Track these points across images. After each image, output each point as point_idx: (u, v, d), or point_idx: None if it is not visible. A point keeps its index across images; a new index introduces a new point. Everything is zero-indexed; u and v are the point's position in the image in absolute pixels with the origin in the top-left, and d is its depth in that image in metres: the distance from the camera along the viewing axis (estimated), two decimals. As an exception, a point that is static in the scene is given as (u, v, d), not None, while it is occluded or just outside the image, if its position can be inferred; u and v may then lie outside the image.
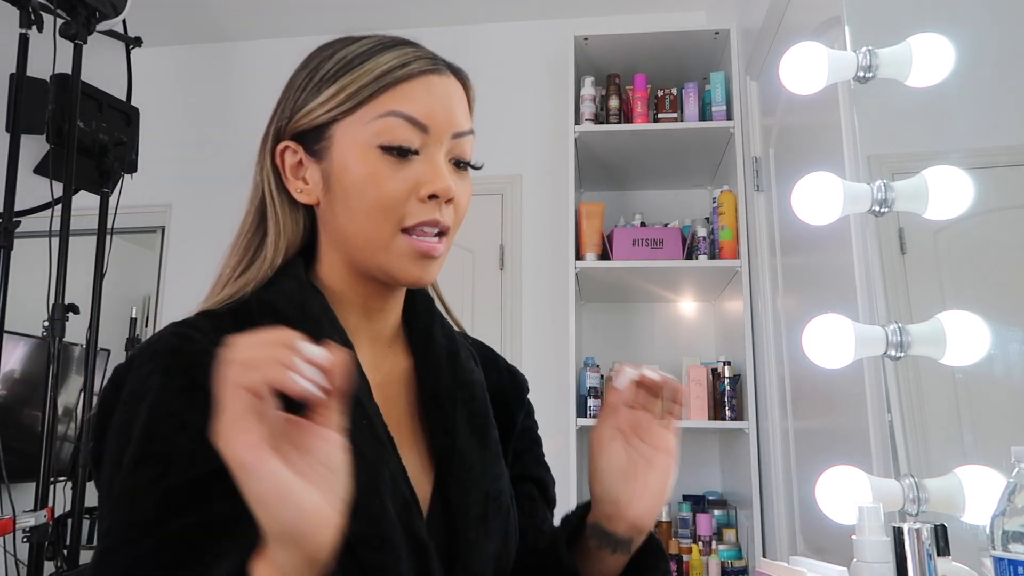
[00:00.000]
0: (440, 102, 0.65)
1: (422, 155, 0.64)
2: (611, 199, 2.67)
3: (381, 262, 0.64)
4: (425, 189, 0.63)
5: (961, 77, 1.06)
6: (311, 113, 0.65)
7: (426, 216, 0.63)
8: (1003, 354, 1.03)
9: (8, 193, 1.95)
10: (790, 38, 1.67)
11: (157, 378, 0.55)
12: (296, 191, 0.67)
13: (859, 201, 1.08)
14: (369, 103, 0.63)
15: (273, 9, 2.90)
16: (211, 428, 0.50)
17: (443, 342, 0.73)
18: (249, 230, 0.68)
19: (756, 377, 2.17)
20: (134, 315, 2.68)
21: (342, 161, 0.64)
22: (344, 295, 0.68)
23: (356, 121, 0.63)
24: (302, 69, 0.68)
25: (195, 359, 0.55)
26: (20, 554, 2.05)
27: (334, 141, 0.64)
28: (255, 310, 0.63)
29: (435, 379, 0.70)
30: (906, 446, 1.06)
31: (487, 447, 0.70)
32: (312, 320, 0.62)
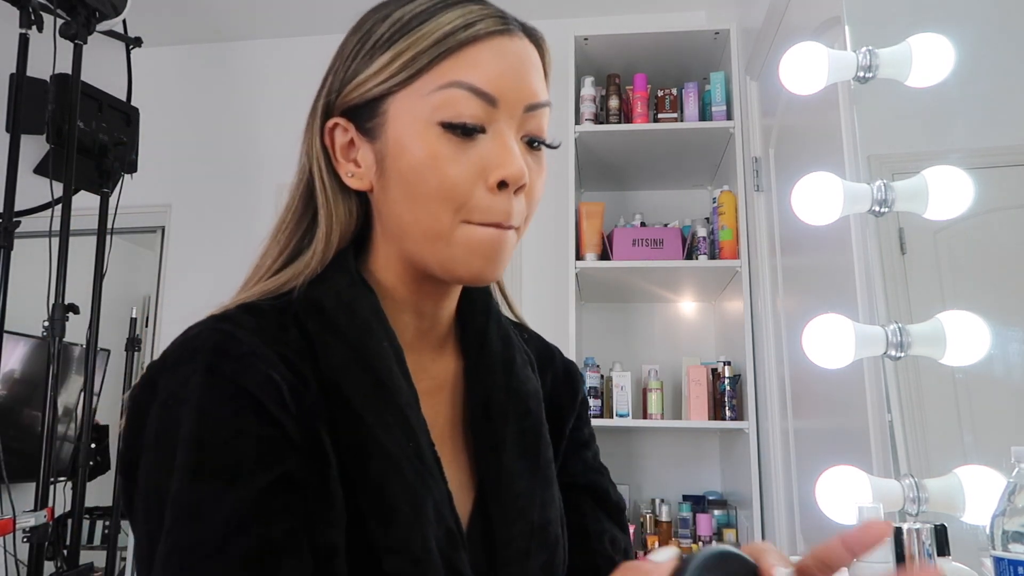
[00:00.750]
0: (511, 69, 0.55)
1: (490, 132, 0.55)
2: (611, 199, 2.67)
3: (442, 257, 0.56)
4: (495, 175, 0.54)
5: (961, 77, 1.06)
6: (363, 85, 0.57)
7: (495, 213, 0.55)
8: (1003, 354, 1.03)
9: (8, 193, 1.95)
10: (790, 38, 1.67)
11: (199, 379, 0.49)
12: (346, 175, 0.59)
13: (859, 201, 1.08)
14: (428, 72, 0.54)
15: (273, 9, 2.90)
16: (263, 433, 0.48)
17: (498, 346, 0.65)
18: (292, 218, 0.60)
19: (756, 377, 2.17)
20: (134, 315, 2.68)
21: (398, 140, 0.55)
22: (396, 291, 0.61)
23: (414, 93, 0.55)
24: (353, 34, 0.59)
25: (242, 363, 0.50)
26: (20, 554, 2.05)
27: (389, 117, 0.56)
28: (301, 309, 0.56)
29: (487, 389, 0.62)
30: (906, 446, 1.06)
31: (538, 470, 0.62)
32: (361, 322, 0.56)
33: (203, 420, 0.48)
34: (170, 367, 0.51)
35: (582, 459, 0.71)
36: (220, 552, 0.45)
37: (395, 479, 0.52)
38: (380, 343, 0.56)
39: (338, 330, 0.55)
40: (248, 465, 0.48)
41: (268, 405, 0.49)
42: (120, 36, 2.43)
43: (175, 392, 0.50)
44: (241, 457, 0.48)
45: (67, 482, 2.11)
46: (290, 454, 0.49)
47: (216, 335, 0.51)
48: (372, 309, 0.57)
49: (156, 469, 0.49)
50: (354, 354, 0.54)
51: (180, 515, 0.46)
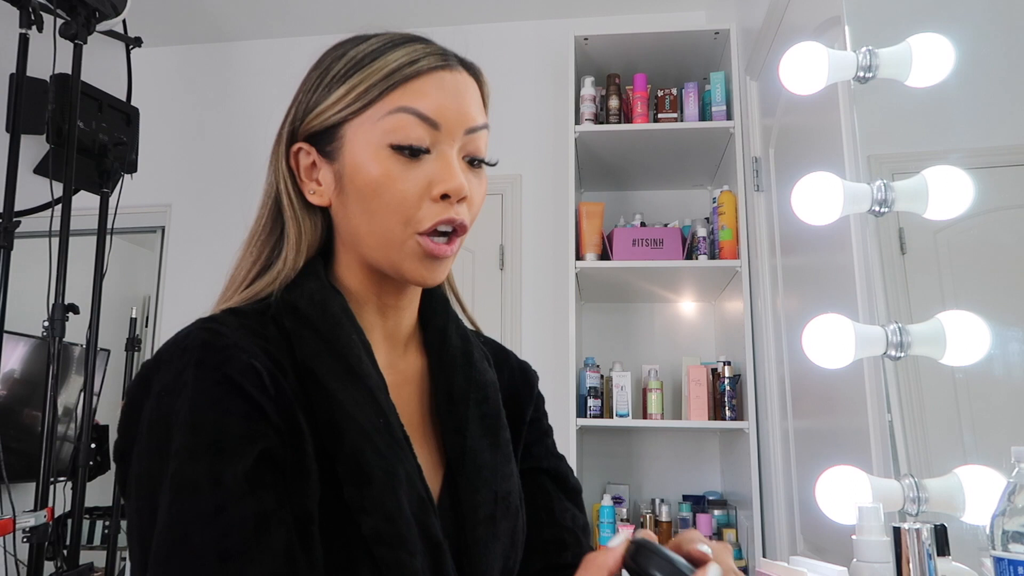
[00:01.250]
0: (451, 98, 0.64)
1: (434, 153, 0.63)
2: (611, 199, 2.67)
3: (393, 261, 0.64)
4: (438, 188, 0.62)
5: (961, 77, 1.06)
6: (322, 114, 0.65)
7: (440, 216, 0.63)
8: (1003, 354, 1.03)
9: (8, 193, 1.95)
10: (790, 38, 1.67)
11: (191, 371, 0.55)
12: (309, 193, 0.67)
13: (859, 201, 1.08)
14: (379, 101, 0.63)
15: (273, 9, 2.90)
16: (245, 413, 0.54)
17: (457, 342, 0.73)
18: (263, 231, 0.68)
19: (756, 377, 2.17)
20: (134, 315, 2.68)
21: (353, 161, 0.63)
22: (360, 294, 0.68)
23: (366, 120, 0.63)
24: (314, 70, 0.68)
25: (226, 353, 0.56)
26: (20, 554, 2.05)
27: (345, 141, 0.64)
28: (278, 309, 0.63)
29: (449, 379, 0.70)
30: (906, 446, 1.06)
31: (498, 447, 0.70)
32: (331, 318, 0.63)
33: (194, 406, 0.54)
34: (163, 364, 0.57)
35: (544, 446, 0.79)
36: (217, 520, 0.51)
37: (368, 449, 0.58)
38: (349, 336, 0.63)
39: (311, 325, 0.62)
40: (235, 441, 0.53)
41: (249, 389, 0.55)
42: (120, 36, 2.43)
43: (167, 385, 0.56)
44: (229, 435, 0.54)
45: (67, 482, 2.11)
46: (270, 432, 0.55)
47: (203, 333, 0.58)
48: (341, 307, 0.65)
49: (150, 454, 0.54)
50: (326, 345, 0.61)
51: (179, 491, 0.51)
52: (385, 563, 0.56)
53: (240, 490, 0.52)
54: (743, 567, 2.17)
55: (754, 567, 2.10)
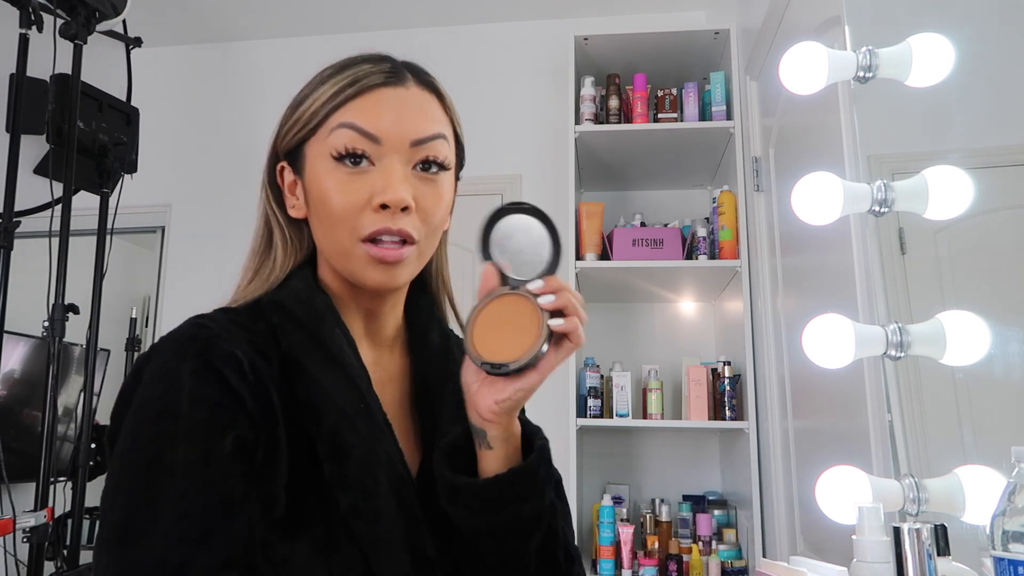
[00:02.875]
0: (392, 111, 0.67)
1: (377, 166, 0.66)
2: (611, 199, 2.67)
3: (349, 269, 0.68)
4: (377, 198, 0.65)
5: (961, 77, 1.06)
6: (289, 133, 0.70)
7: (379, 225, 0.65)
8: (1003, 354, 1.03)
9: (8, 193, 1.95)
10: (790, 38, 1.67)
11: (174, 362, 0.59)
12: (290, 207, 0.72)
13: (859, 201, 1.08)
14: (327, 120, 0.67)
15: (273, 9, 2.90)
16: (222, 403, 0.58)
17: (437, 340, 0.77)
18: (260, 246, 0.74)
19: (756, 377, 2.17)
20: (134, 315, 2.68)
21: (311, 176, 0.68)
22: (342, 299, 0.72)
23: (318, 139, 0.68)
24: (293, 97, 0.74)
25: (209, 343, 0.60)
26: (20, 554, 2.05)
27: (306, 158, 0.69)
28: (266, 307, 0.68)
29: (425, 372, 0.75)
30: (906, 446, 1.06)
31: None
32: (315, 313, 0.67)
33: (170, 393, 0.58)
34: (152, 356, 0.61)
35: None
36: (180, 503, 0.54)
37: (347, 428, 0.62)
38: (332, 329, 0.67)
39: (296, 319, 0.66)
40: (206, 428, 0.57)
41: (228, 375, 0.59)
42: (120, 36, 2.43)
43: (153, 375, 0.60)
44: (200, 422, 0.57)
45: (67, 482, 2.11)
46: (243, 419, 0.59)
47: (192, 328, 0.62)
48: (326, 305, 0.69)
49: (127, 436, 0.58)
50: (309, 336, 0.65)
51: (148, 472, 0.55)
52: (364, 538, 0.59)
53: (205, 476, 0.55)
54: (743, 567, 2.17)
55: (754, 567, 2.10)
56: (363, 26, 2.94)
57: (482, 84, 2.90)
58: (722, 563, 2.17)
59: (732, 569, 2.17)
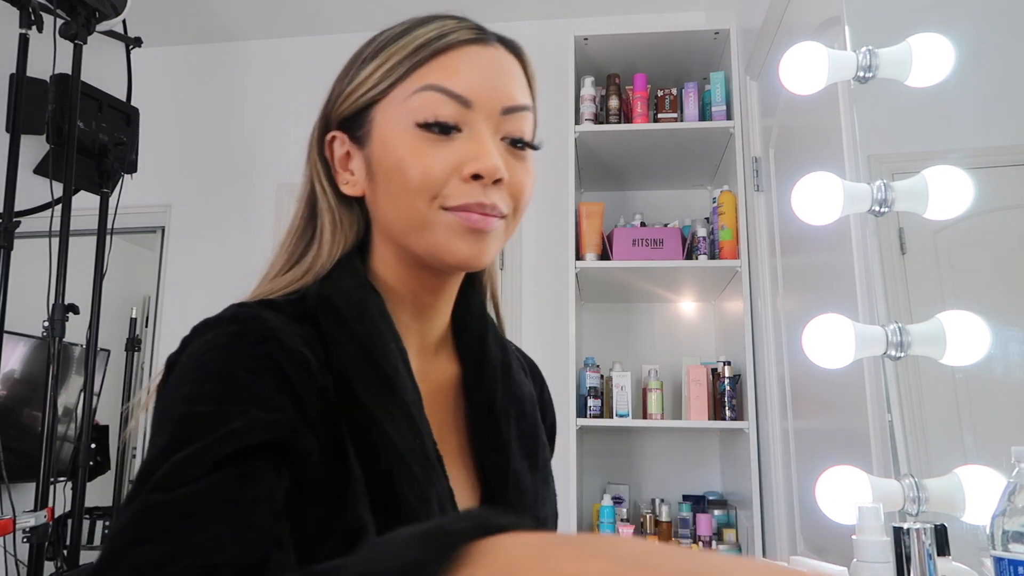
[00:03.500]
0: (485, 73, 0.58)
1: (465, 132, 0.58)
2: (611, 199, 2.67)
3: (427, 244, 0.58)
4: (468, 167, 0.56)
5: (961, 77, 1.06)
6: (351, 96, 0.61)
7: (470, 198, 0.56)
8: (1003, 354, 1.03)
9: (8, 193, 1.95)
10: (790, 38, 1.67)
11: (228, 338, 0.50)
12: (343, 183, 0.63)
13: (859, 201, 1.08)
14: (406, 79, 0.58)
15: (274, 9, 2.90)
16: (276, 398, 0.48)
17: (497, 352, 0.67)
18: (298, 228, 0.64)
19: (756, 377, 2.17)
20: (134, 315, 2.68)
21: (382, 143, 0.59)
22: (396, 291, 0.63)
23: (394, 100, 0.59)
24: (350, 57, 0.64)
25: (271, 333, 0.51)
26: (20, 554, 2.05)
27: (374, 124, 0.60)
28: (313, 306, 0.58)
29: (490, 393, 0.64)
30: (906, 446, 1.06)
31: (537, 469, 0.65)
32: (370, 323, 0.58)
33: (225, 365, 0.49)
34: (200, 332, 0.52)
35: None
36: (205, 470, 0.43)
37: (402, 472, 0.53)
38: (387, 344, 0.57)
39: (348, 328, 0.56)
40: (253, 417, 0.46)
41: (294, 377, 0.50)
42: (120, 36, 2.43)
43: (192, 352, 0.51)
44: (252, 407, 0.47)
45: (67, 482, 2.11)
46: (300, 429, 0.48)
47: (239, 309, 0.53)
48: (379, 311, 0.59)
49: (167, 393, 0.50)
50: (363, 352, 0.56)
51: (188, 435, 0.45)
52: None
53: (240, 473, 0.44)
54: (743, 567, 2.17)
55: (754, 567, 2.10)
56: (363, 26, 2.93)
57: (482, 84, 2.89)
58: (722, 563, 2.17)
59: (732, 569, 2.17)
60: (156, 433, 0.47)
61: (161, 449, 0.44)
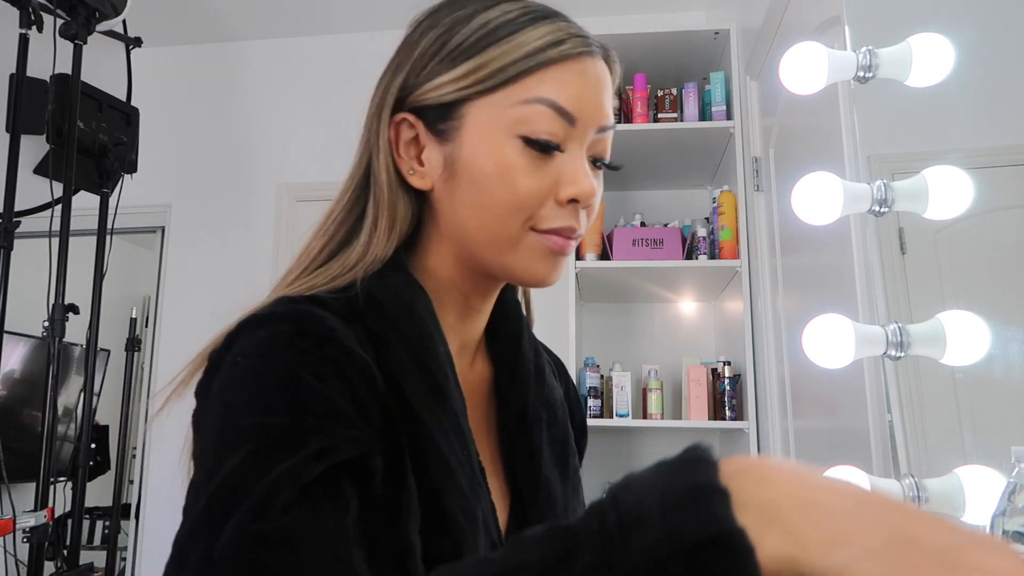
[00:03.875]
0: (592, 90, 0.56)
1: (565, 150, 0.56)
2: (611, 199, 2.67)
3: (507, 261, 0.57)
4: (566, 191, 0.55)
5: (961, 77, 1.06)
6: (442, 87, 0.56)
7: (563, 223, 0.56)
8: (1003, 354, 1.03)
9: (8, 193, 1.95)
10: (790, 38, 1.67)
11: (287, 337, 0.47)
12: (408, 171, 0.58)
13: (859, 201, 1.08)
14: (514, 84, 0.54)
15: (274, 9, 2.90)
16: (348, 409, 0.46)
17: (531, 356, 0.65)
18: (343, 210, 0.59)
19: (756, 377, 2.17)
20: (134, 315, 2.68)
21: (474, 147, 0.55)
22: (447, 291, 0.60)
23: (496, 103, 0.55)
24: (430, 28, 0.58)
25: (331, 335, 0.48)
26: (20, 554, 2.05)
27: (466, 122, 0.56)
28: (362, 304, 0.54)
29: (523, 398, 0.62)
30: (906, 446, 1.06)
31: (567, 477, 0.64)
32: (420, 324, 0.55)
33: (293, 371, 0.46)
34: (251, 328, 0.49)
35: None
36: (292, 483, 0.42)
37: (452, 487, 0.51)
38: (437, 347, 0.55)
39: (399, 330, 0.54)
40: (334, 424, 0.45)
41: (356, 384, 0.48)
42: (120, 36, 2.43)
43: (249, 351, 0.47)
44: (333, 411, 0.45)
45: (67, 482, 2.11)
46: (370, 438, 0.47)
47: (293, 307, 0.50)
48: (428, 311, 0.56)
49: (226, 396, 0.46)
50: (413, 356, 0.53)
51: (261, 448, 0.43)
52: None
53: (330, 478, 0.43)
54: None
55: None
56: (363, 26, 2.94)
57: (482, 84, 2.89)
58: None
59: (732, 569, 2.17)
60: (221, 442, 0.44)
61: (239, 465, 0.42)
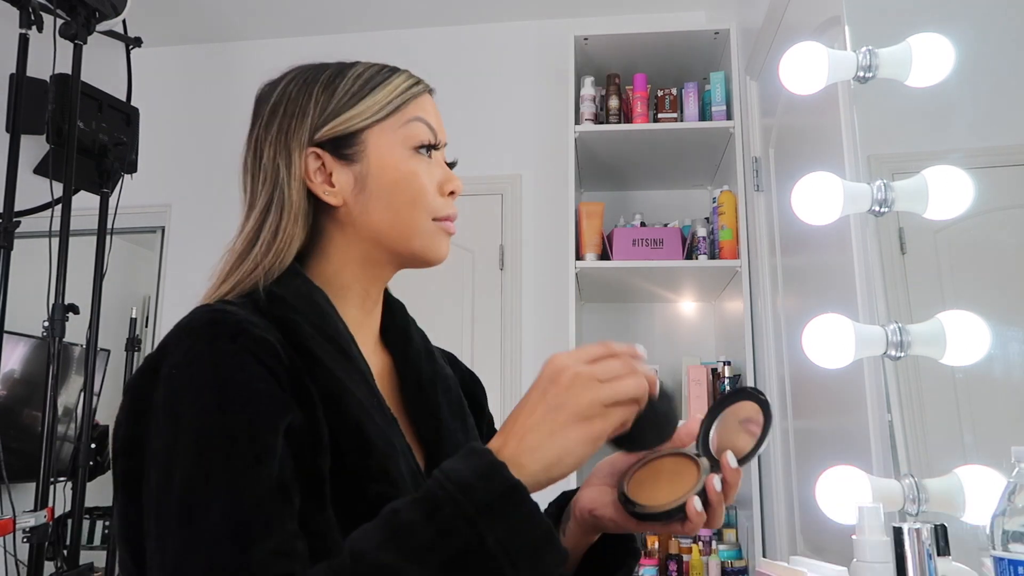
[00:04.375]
0: (437, 115, 0.77)
1: (435, 157, 0.75)
2: (611, 199, 2.67)
3: (415, 247, 0.73)
4: (448, 186, 0.74)
5: (961, 77, 1.06)
6: (348, 121, 0.72)
7: (450, 211, 0.75)
8: (1003, 354, 1.03)
9: (8, 193, 1.95)
10: (790, 38, 1.67)
11: (205, 345, 0.58)
12: (323, 193, 0.72)
13: (859, 201, 1.08)
14: (397, 112, 0.73)
15: (273, 9, 2.90)
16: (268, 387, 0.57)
17: (419, 340, 0.81)
18: (252, 229, 0.71)
19: (756, 377, 2.17)
20: (134, 315, 2.68)
21: (381, 161, 0.72)
22: (349, 288, 0.74)
23: (387, 127, 0.73)
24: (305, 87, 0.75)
25: (239, 327, 0.59)
26: (20, 554, 2.05)
27: (368, 145, 0.72)
28: (263, 301, 0.66)
29: (416, 370, 0.77)
30: (906, 446, 1.06)
31: (468, 431, 0.78)
32: (318, 308, 0.68)
33: (218, 370, 0.57)
34: (169, 349, 0.59)
35: None
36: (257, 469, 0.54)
37: (368, 420, 0.63)
38: (337, 324, 0.68)
39: (301, 312, 0.66)
40: (267, 402, 0.57)
41: (267, 361, 0.58)
42: (120, 36, 2.43)
43: (178, 362, 0.58)
44: (261, 395, 0.57)
45: (67, 482, 2.11)
46: (291, 404, 0.58)
47: (208, 314, 0.61)
48: (326, 300, 0.69)
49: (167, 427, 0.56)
50: (318, 330, 0.66)
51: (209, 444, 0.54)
52: None
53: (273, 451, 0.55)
54: (743, 567, 2.17)
55: (754, 567, 2.10)
56: (363, 26, 2.94)
57: (482, 84, 2.90)
58: (722, 563, 2.17)
59: (732, 569, 2.17)
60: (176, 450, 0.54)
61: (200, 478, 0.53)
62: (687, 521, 0.63)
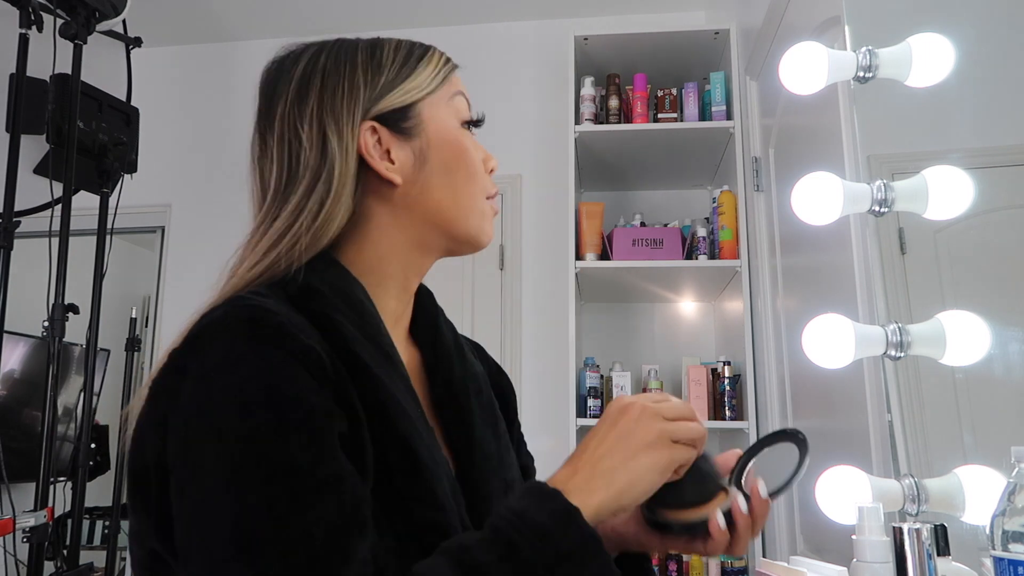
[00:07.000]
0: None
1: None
2: (611, 199, 2.67)
3: (472, 227, 0.69)
4: (491, 163, 0.72)
5: (961, 77, 1.06)
6: (407, 93, 0.68)
7: (494, 188, 0.72)
8: (1003, 354, 1.03)
9: (8, 193, 1.95)
10: (790, 38, 1.67)
11: (243, 346, 0.52)
12: (385, 169, 0.66)
13: (859, 201, 1.08)
14: (443, 85, 0.70)
15: (273, 9, 2.90)
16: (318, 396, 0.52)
17: (450, 336, 0.75)
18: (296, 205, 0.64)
19: (756, 377, 2.17)
20: (134, 315, 2.67)
21: (439, 136, 0.68)
22: (389, 275, 0.68)
23: (437, 100, 0.69)
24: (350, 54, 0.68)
25: (280, 331, 0.53)
26: (20, 554, 2.05)
27: (424, 118, 0.68)
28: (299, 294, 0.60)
29: (447, 370, 0.71)
30: (906, 446, 1.06)
31: (499, 437, 0.73)
32: (358, 305, 0.63)
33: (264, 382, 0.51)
34: (201, 346, 0.53)
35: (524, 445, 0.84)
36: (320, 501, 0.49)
37: (416, 436, 0.58)
38: (379, 324, 0.63)
39: (340, 311, 0.60)
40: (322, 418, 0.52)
41: (312, 370, 0.53)
42: (120, 36, 2.43)
43: (217, 364, 0.52)
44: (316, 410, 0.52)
45: (67, 482, 2.11)
46: (339, 414, 0.53)
47: (247, 310, 0.54)
48: (366, 296, 0.64)
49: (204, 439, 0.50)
50: (359, 331, 0.60)
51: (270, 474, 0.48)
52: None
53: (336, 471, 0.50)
54: (743, 567, 2.17)
55: (754, 567, 2.10)
56: (363, 26, 2.94)
57: (482, 84, 2.88)
58: (722, 563, 2.17)
59: (732, 569, 2.17)
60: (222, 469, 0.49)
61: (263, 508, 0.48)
62: (710, 539, 0.63)
